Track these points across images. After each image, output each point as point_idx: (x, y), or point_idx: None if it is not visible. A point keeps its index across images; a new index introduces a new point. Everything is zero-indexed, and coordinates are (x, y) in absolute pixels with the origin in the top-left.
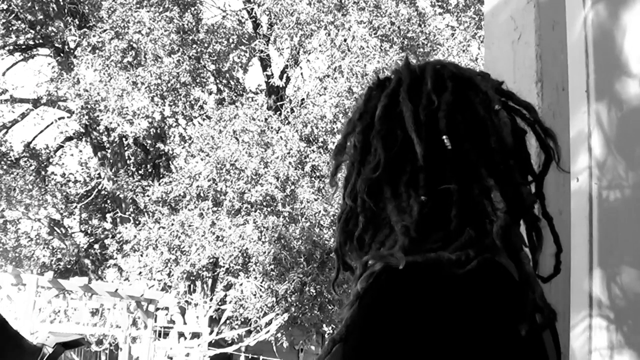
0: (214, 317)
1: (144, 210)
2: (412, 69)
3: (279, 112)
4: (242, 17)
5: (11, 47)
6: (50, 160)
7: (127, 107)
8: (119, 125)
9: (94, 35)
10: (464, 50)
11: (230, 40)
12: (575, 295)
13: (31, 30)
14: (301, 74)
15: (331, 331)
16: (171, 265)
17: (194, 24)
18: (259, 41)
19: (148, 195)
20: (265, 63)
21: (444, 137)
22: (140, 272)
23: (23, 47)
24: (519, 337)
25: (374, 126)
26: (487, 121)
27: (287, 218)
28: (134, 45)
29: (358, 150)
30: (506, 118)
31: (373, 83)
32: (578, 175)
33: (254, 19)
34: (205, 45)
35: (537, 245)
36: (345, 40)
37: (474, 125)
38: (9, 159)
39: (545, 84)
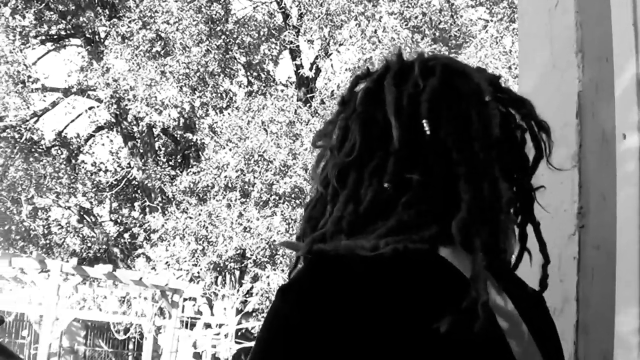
0: (240, 309)
1: (172, 199)
2: (401, 59)
3: (308, 104)
4: (272, 9)
5: (43, 37)
6: (81, 149)
7: (155, 97)
8: (147, 114)
9: (122, 25)
10: (497, 43)
11: (261, 33)
12: (623, 291)
13: (62, 21)
14: (331, 65)
15: None
16: (198, 256)
17: (222, 14)
18: (289, 32)
19: (176, 185)
20: (295, 55)
21: (424, 121)
22: (167, 262)
23: (55, 37)
24: (424, 333)
25: (355, 110)
26: (473, 110)
27: None
28: (162, 35)
29: (338, 137)
30: (495, 110)
31: (361, 72)
32: (627, 159)
33: (283, 10)
34: (235, 36)
35: (503, 246)
36: (375, 31)
37: (458, 113)
38: (40, 147)
39: (586, 54)
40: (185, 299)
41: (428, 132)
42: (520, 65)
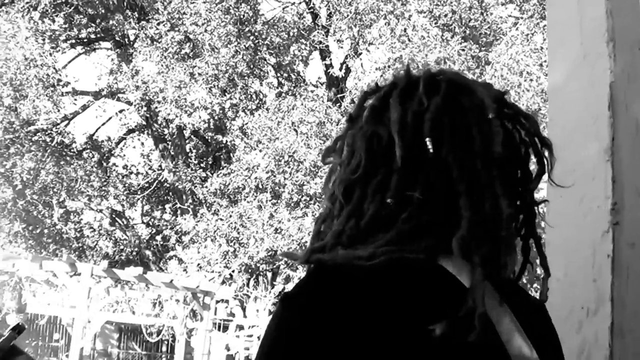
0: (272, 310)
1: (203, 201)
2: (409, 75)
3: (338, 104)
4: (301, 10)
5: (73, 41)
6: (112, 152)
7: (184, 99)
8: (177, 116)
9: (150, 27)
10: (527, 40)
11: (291, 34)
12: None
13: (92, 24)
14: (361, 65)
15: None
16: (229, 258)
17: (251, 14)
18: (318, 32)
19: (206, 187)
20: (324, 55)
21: (427, 139)
22: (199, 264)
23: (85, 40)
24: (421, 339)
25: (362, 128)
26: (475, 128)
27: None
28: (190, 36)
29: (346, 152)
30: (498, 127)
31: (369, 88)
32: None
33: (312, 10)
34: (263, 37)
35: (504, 261)
36: (405, 30)
37: (461, 131)
38: (72, 150)
39: (617, 43)
40: (217, 301)
41: (431, 150)
42: (549, 58)
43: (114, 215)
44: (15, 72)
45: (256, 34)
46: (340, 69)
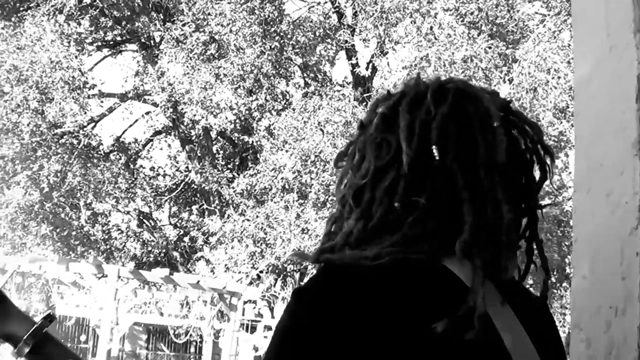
0: None
1: (230, 202)
2: (418, 84)
3: (365, 104)
4: (327, 9)
5: (99, 44)
6: (139, 153)
7: (210, 100)
8: (203, 117)
9: (175, 29)
10: (554, 37)
11: (317, 34)
12: None
13: (117, 27)
14: (387, 64)
15: None
16: (256, 258)
17: (276, 14)
18: (344, 31)
19: (233, 188)
20: (350, 54)
21: (433, 147)
22: (226, 265)
23: (111, 43)
24: (424, 336)
25: (372, 134)
26: (480, 136)
27: None
28: (215, 37)
29: (356, 158)
30: (502, 135)
31: (381, 95)
32: None
33: (337, 10)
34: (289, 36)
35: (505, 264)
36: (431, 28)
37: (466, 139)
38: (98, 152)
39: None
40: (245, 302)
41: (437, 158)
42: (574, 51)
43: (141, 217)
44: (41, 75)
45: (281, 34)
46: (367, 69)
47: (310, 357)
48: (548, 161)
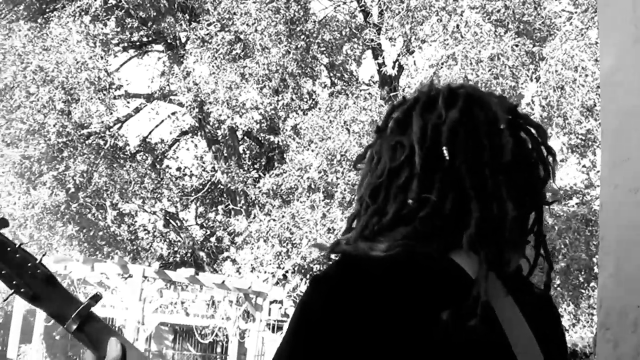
0: None
1: (255, 202)
2: (431, 90)
3: (391, 102)
4: (352, 8)
5: (125, 44)
6: (166, 154)
7: (236, 99)
8: (228, 117)
9: (201, 28)
10: (582, 35)
11: (343, 33)
12: None
13: (143, 27)
14: (414, 62)
15: None
16: (282, 258)
17: (301, 14)
18: (370, 30)
19: (259, 187)
20: (377, 53)
21: (444, 148)
22: (252, 265)
23: (137, 43)
24: (429, 325)
25: (387, 138)
26: (486, 138)
27: None
28: (241, 37)
29: (374, 160)
30: (508, 137)
31: (397, 101)
32: None
33: (363, 8)
34: (314, 35)
35: (508, 258)
36: (457, 26)
37: (474, 141)
38: (125, 153)
39: None
40: (271, 302)
41: (447, 158)
42: (600, 44)
43: (167, 217)
44: (67, 75)
45: (307, 32)
46: (393, 67)
47: (321, 343)
48: (551, 161)
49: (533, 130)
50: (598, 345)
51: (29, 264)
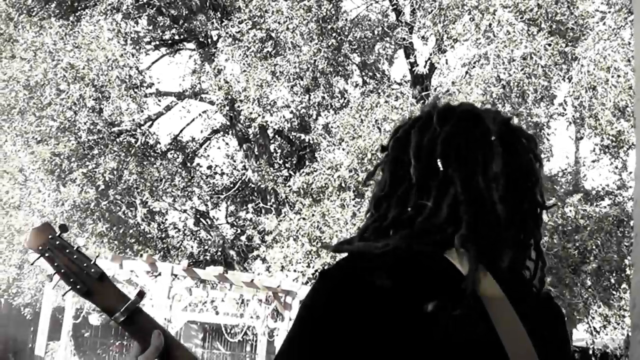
0: None
1: (286, 201)
2: (430, 109)
3: (423, 102)
4: (384, 7)
5: (157, 43)
6: (197, 152)
7: (267, 97)
8: (259, 115)
9: (232, 26)
10: (615, 35)
11: (375, 32)
12: None
13: (175, 25)
14: (446, 61)
15: None
16: (312, 257)
17: (333, 12)
18: (401, 29)
19: (289, 186)
20: (408, 52)
21: (438, 160)
22: (282, 264)
23: (168, 42)
24: (420, 316)
25: (389, 155)
26: (478, 150)
27: None
28: (272, 34)
29: (380, 176)
30: (498, 148)
31: (402, 122)
32: None
33: (395, 7)
34: (346, 34)
35: (499, 255)
36: (490, 25)
37: (466, 152)
38: (156, 151)
39: None
40: (300, 301)
41: (441, 169)
42: (635, 44)
43: (198, 216)
44: (98, 73)
45: (338, 31)
46: (425, 66)
47: (324, 334)
48: (537, 166)
49: (524, 140)
50: (631, 346)
51: (85, 264)
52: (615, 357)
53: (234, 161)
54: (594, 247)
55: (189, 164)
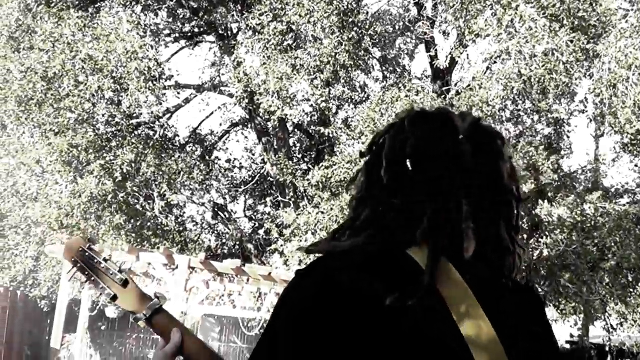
0: None
1: (304, 194)
2: (404, 116)
3: (443, 96)
4: (406, 1)
5: (177, 35)
6: (216, 145)
7: (287, 90)
8: (278, 108)
9: (252, 19)
10: (637, 33)
11: (396, 27)
12: None
13: (195, 18)
14: (467, 56)
15: None
16: None
17: (354, 5)
18: (423, 23)
19: (308, 180)
20: (429, 47)
21: (408, 160)
22: (300, 258)
23: (188, 34)
24: (380, 308)
25: (366, 160)
26: (445, 149)
27: None
28: (293, 27)
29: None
30: (466, 146)
31: (380, 130)
32: None
33: (417, 1)
34: (367, 27)
35: (462, 248)
36: (512, 21)
37: (435, 152)
38: (174, 144)
39: None
40: None
41: (410, 169)
42: None
43: (216, 209)
44: (117, 65)
45: (359, 24)
46: (446, 61)
47: (297, 334)
48: (507, 166)
49: (491, 139)
50: None
51: (111, 272)
52: (632, 355)
53: (253, 155)
54: (612, 244)
55: (207, 157)
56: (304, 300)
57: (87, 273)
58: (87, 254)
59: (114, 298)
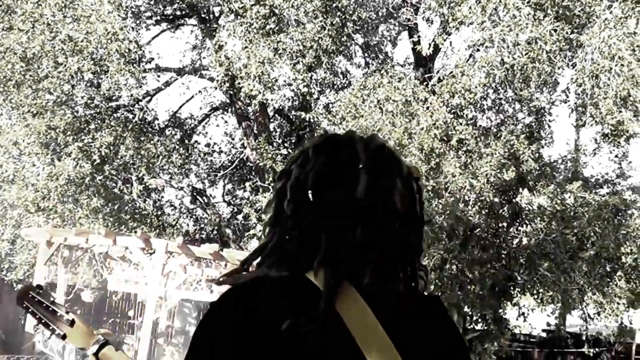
0: None
1: None
2: (310, 144)
3: (425, 84)
4: None
5: (158, 18)
6: (195, 129)
7: (268, 75)
8: (259, 93)
9: (235, 1)
10: (621, 24)
11: (380, 14)
12: None
13: (177, 0)
14: (450, 43)
15: (471, 312)
16: None
17: None
18: (406, 9)
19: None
20: (412, 33)
21: (309, 191)
22: None
23: (170, 17)
24: (279, 334)
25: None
26: (345, 177)
27: (430, 192)
28: (275, 11)
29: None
30: (364, 175)
31: (294, 155)
32: None
33: None
34: (350, 12)
35: (363, 272)
36: (496, 9)
37: (334, 181)
38: (153, 127)
39: None
40: None
41: (311, 199)
42: None
43: (195, 194)
44: (97, 46)
45: (342, 9)
46: (429, 49)
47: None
48: (394, 194)
49: (391, 166)
50: None
51: (59, 314)
52: (609, 344)
53: (233, 139)
54: (591, 234)
55: (186, 141)
56: (219, 330)
57: (37, 316)
58: (36, 299)
59: (64, 337)
